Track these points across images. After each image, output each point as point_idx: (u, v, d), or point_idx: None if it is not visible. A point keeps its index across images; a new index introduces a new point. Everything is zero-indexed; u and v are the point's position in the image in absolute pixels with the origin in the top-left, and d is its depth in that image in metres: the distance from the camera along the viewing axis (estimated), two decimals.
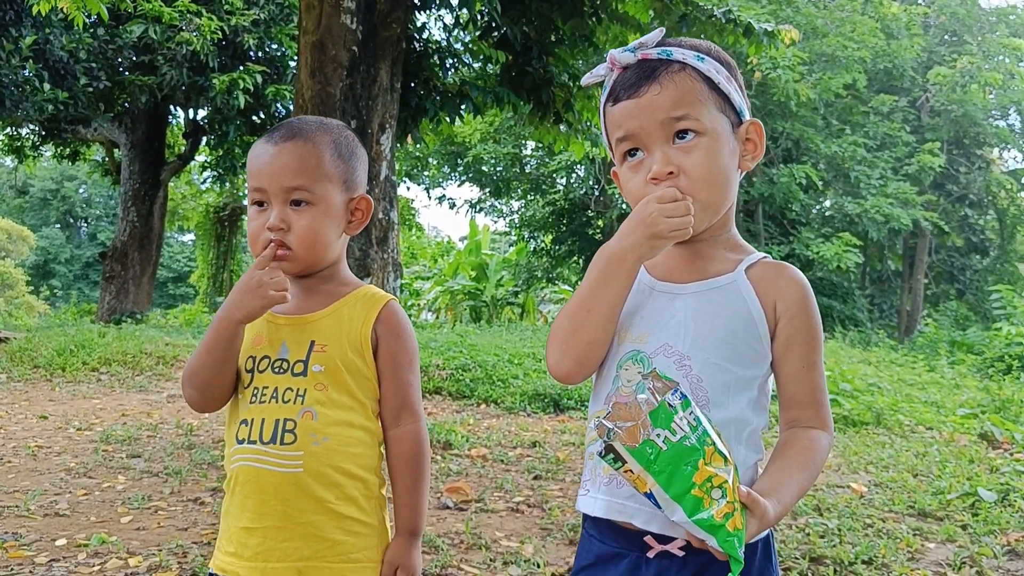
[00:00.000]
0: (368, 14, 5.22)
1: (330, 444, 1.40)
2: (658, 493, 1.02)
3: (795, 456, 1.20)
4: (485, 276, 21.54)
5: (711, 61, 1.24)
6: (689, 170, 1.20)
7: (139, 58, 12.72)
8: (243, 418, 1.43)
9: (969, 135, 22.07)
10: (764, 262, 1.27)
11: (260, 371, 1.44)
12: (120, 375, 8.05)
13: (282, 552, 1.39)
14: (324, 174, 1.45)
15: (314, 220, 1.44)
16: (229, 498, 1.45)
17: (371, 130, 5.21)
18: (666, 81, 1.21)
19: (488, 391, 7.69)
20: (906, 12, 20.74)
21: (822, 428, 1.24)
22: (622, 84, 1.24)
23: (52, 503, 3.78)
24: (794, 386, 1.24)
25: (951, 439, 6.36)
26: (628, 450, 1.01)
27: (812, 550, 3.40)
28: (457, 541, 3.42)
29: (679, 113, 1.20)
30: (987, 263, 23.58)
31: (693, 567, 1.16)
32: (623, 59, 1.24)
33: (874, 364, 11.50)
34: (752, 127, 1.27)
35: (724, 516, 1.01)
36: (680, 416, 1.03)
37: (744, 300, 1.23)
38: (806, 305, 1.24)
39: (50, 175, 40.64)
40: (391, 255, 5.30)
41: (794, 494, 1.16)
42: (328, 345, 1.43)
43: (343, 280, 1.52)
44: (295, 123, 1.49)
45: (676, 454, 1.01)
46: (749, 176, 19.62)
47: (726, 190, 1.24)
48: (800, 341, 1.23)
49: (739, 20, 6.63)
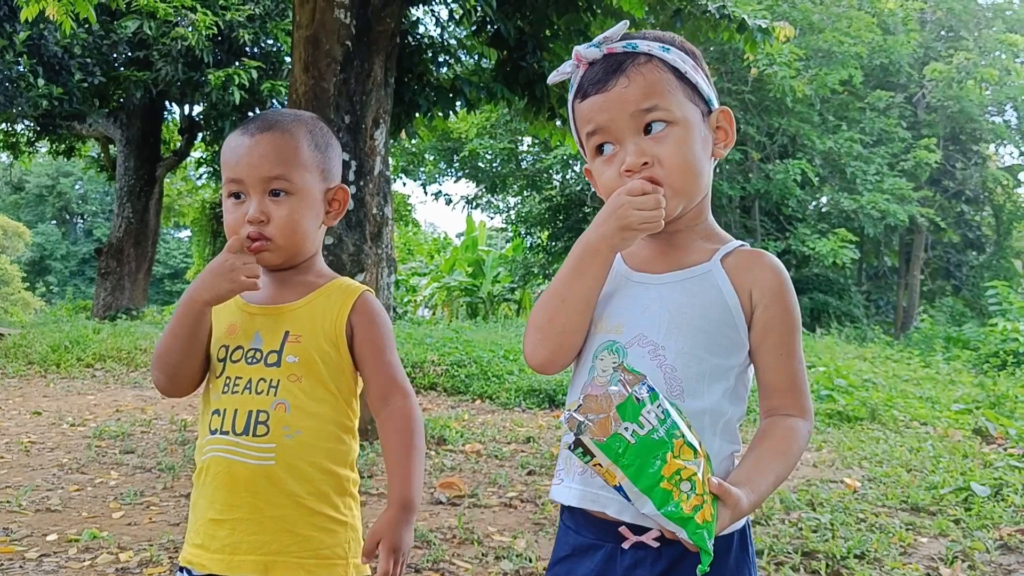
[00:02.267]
0: (362, 9, 5.20)
1: (303, 438, 1.39)
2: (627, 486, 1.01)
3: (772, 445, 1.20)
4: (481, 272, 21.53)
5: (676, 51, 1.24)
6: (663, 159, 1.19)
7: (134, 53, 12.68)
8: (215, 408, 1.41)
9: (965, 131, 22.07)
10: (740, 251, 1.26)
11: (233, 361, 1.42)
12: (115, 371, 8.04)
13: (250, 545, 1.37)
14: (302, 164, 1.45)
15: (293, 210, 1.43)
16: (198, 490, 1.43)
17: (365, 125, 5.19)
18: (633, 73, 1.20)
19: (483, 387, 7.70)
20: (902, 8, 20.72)
21: (801, 416, 1.24)
22: (589, 80, 1.23)
23: (44, 499, 3.77)
24: (772, 374, 1.24)
25: (945, 434, 6.37)
26: (597, 444, 1.01)
27: (805, 544, 3.40)
28: (450, 536, 3.42)
29: (648, 104, 1.19)
30: (983, 259, 23.59)
31: (668, 558, 1.16)
32: (588, 55, 1.23)
33: (869, 360, 11.51)
34: (722, 115, 1.27)
35: (693, 508, 1.01)
36: (648, 409, 1.02)
37: (719, 289, 1.22)
38: (782, 293, 1.23)
39: (45, 171, 40.54)
40: (385, 251, 5.28)
41: (770, 483, 1.16)
42: (303, 336, 1.42)
43: (319, 272, 1.51)
44: (270, 115, 1.49)
45: (644, 448, 1.01)
46: (746, 172, 19.62)
47: (700, 178, 1.23)
48: (777, 329, 1.22)
49: (733, 16, 6.62)
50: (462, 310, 21.71)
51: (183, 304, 1.39)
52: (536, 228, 22.85)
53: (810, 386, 5.27)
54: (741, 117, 19.04)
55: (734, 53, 17.29)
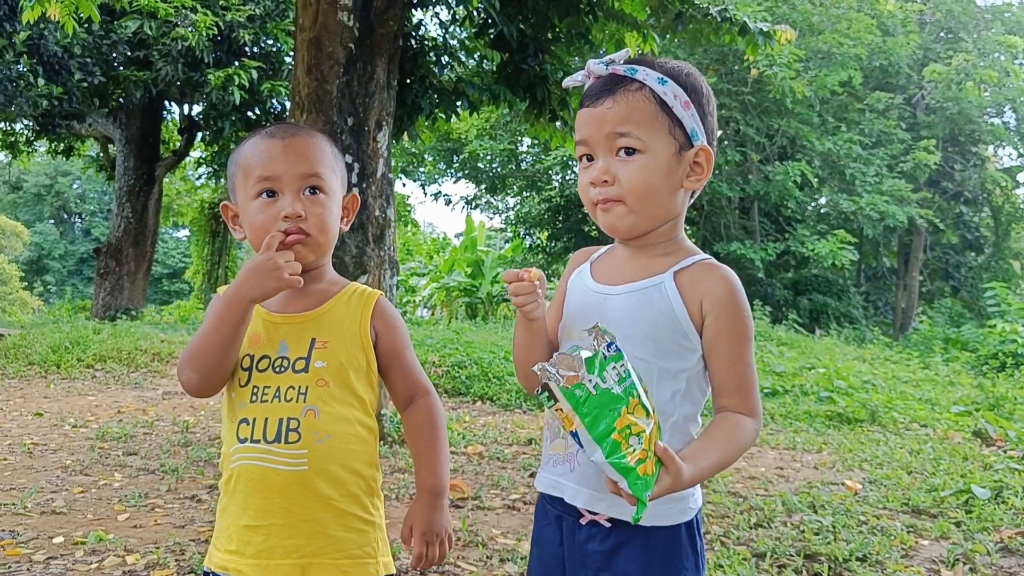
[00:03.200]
0: (365, 11, 5.20)
1: (333, 442, 1.42)
2: (582, 433, 1.10)
3: (717, 434, 1.30)
4: (481, 273, 21.52)
5: (673, 86, 1.33)
6: (623, 181, 1.33)
7: (134, 53, 12.67)
8: (243, 417, 1.43)
9: (964, 132, 22.11)
10: (698, 264, 1.36)
11: (260, 370, 1.44)
12: (115, 372, 8.04)
13: (285, 549, 1.40)
14: (331, 166, 1.51)
15: (327, 208, 1.48)
16: (228, 497, 1.45)
17: (368, 127, 5.20)
18: (620, 98, 1.32)
19: (484, 388, 7.71)
20: (902, 9, 20.75)
21: (749, 415, 1.33)
22: (588, 92, 1.36)
23: (49, 501, 3.78)
24: (722, 377, 1.33)
25: (945, 436, 6.39)
26: (561, 390, 1.10)
27: (807, 547, 3.42)
28: (454, 538, 3.43)
29: (623, 129, 1.32)
30: (982, 260, 23.65)
31: (617, 537, 1.32)
32: (596, 70, 1.35)
33: (869, 361, 11.54)
34: (701, 152, 1.35)
35: (637, 461, 1.10)
36: (613, 366, 1.11)
37: (669, 300, 1.33)
38: (731, 303, 1.32)
39: (44, 170, 40.51)
40: (387, 252, 5.29)
41: (712, 463, 1.25)
42: (329, 341, 1.45)
43: (331, 279, 1.55)
44: (289, 125, 1.55)
45: (603, 400, 1.10)
46: (745, 174, 19.64)
47: (656, 204, 1.35)
48: (726, 337, 1.32)
49: (735, 19, 6.63)
50: (461, 310, 21.70)
51: (226, 303, 1.39)
52: (535, 229, 22.87)
53: (809, 387, 5.32)
54: (740, 118, 19.07)
55: (734, 55, 17.32)
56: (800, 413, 7.25)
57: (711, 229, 20.44)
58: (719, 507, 4.07)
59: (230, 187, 1.55)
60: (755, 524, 3.80)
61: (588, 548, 1.34)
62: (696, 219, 21.40)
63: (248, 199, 1.48)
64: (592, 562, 1.33)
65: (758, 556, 3.34)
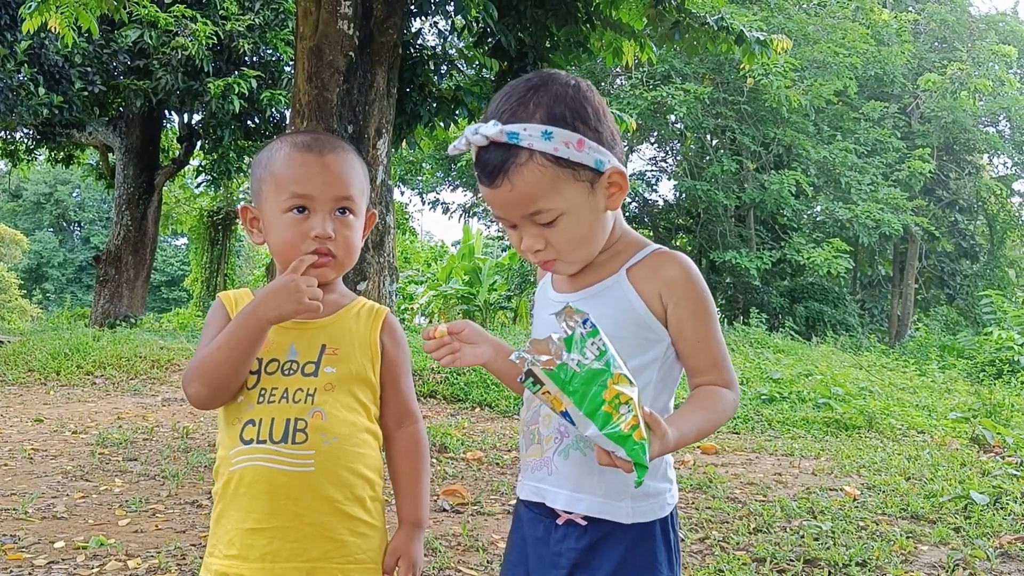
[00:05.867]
0: (365, 20, 5.25)
1: (339, 444, 1.42)
2: (573, 411, 1.12)
3: (697, 402, 1.32)
4: (478, 280, 21.56)
5: (560, 133, 1.27)
6: (556, 244, 1.33)
7: (134, 62, 12.71)
8: (249, 418, 1.41)
9: (959, 141, 22.20)
10: (649, 256, 1.38)
11: (268, 373, 1.44)
12: (115, 379, 8.05)
13: (290, 552, 1.39)
14: (361, 187, 1.52)
15: (355, 230, 1.50)
16: (227, 502, 1.42)
17: (368, 135, 5.23)
18: (515, 178, 1.27)
19: (482, 394, 7.72)
20: (896, 19, 20.87)
21: (727, 387, 1.35)
22: (480, 167, 1.31)
23: (49, 506, 3.79)
24: (693, 359, 1.36)
25: (943, 443, 6.41)
26: (547, 373, 1.12)
27: (806, 552, 3.43)
28: (454, 543, 3.44)
29: (532, 209, 1.30)
30: (977, 268, 23.72)
31: (592, 535, 1.34)
32: (476, 141, 1.29)
33: (865, 368, 11.56)
34: (613, 174, 1.32)
35: (631, 428, 1.11)
36: (590, 343, 1.13)
37: (627, 297, 1.35)
38: (688, 287, 1.34)
39: (43, 179, 40.50)
40: (387, 259, 5.32)
41: (694, 428, 1.27)
42: (340, 349, 1.46)
43: (342, 292, 1.56)
44: (323, 137, 1.53)
45: (588, 375, 1.12)
46: (741, 182, 19.71)
47: (593, 242, 1.36)
48: (690, 320, 1.34)
49: (731, 28, 6.68)
50: (458, 318, 21.70)
51: (243, 321, 1.39)
52: None
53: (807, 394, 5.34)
54: (736, 127, 19.15)
55: (730, 63, 17.39)
56: (798, 419, 7.27)
57: (707, 237, 20.50)
58: (718, 512, 4.09)
59: (255, 190, 1.53)
60: (754, 529, 3.82)
61: (563, 547, 1.35)
62: (692, 227, 21.46)
63: (277, 211, 1.47)
64: (567, 560, 1.35)
65: (758, 561, 3.35)
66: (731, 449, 5.94)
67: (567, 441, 1.34)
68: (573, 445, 1.33)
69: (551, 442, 1.36)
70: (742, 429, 6.92)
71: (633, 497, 1.33)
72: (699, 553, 3.46)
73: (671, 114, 19.08)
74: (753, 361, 10.71)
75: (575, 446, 1.33)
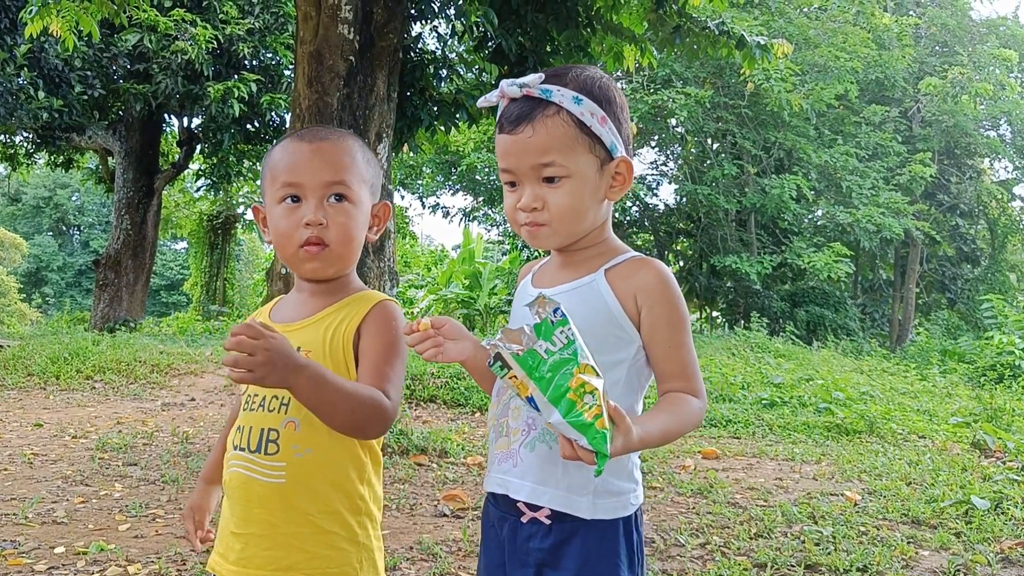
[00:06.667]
0: (365, 24, 5.25)
1: (314, 456, 1.39)
2: (537, 396, 1.13)
3: (664, 406, 1.34)
4: (478, 284, 21.54)
5: (589, 103, 1.34)
6: (551, 207, 1.36)
7: (134, 66, 12.72)
8: (239, 424, 1.45)
9: (960, 145, 22.21)
10: (628, 261, 1.40)
11: None
12: (114, 383, 8.03)
13: (262, 560, 1.39)
14: (359, 173, 1.47)
15: (351, 217, 1.44)
16: (224, 501, 1.47)
17: (368, 140, 5.23)
18: (539, 126, 1.33)
19: (483, 399, 7.70)
20: (897, 23, 20.88)
21: (693, 395, 1.37)
22: (506, 116, 1.36)
23: (50, 511, 3.78)
24: (663, 364, 1.37)
25: (944, 447, 6.40)
26: (514, 358, 1.13)
27: (807, 557, 3.42)
28: (455, 548, 3.44)
29: (547, 160, 1.33)
30: (978, 272, 23.70)
31: (557, 535, 1.35)
32: (510, 92, 1.35)
33: (866, 373, 11.55)
34: (622, 163, 1.39)
35: (594, 417, 1.12)
36: (559, 331, 1.15)
37: (602, 297, 1.37)
38: (663, 294, 1.37)
39: (43, 183, 40.52)
40: (387, 264, 5.32)
41: (658, 429, 1.27)
42: (312, 350, 1.41)
43: (356, 287, 1.51)
44: (322, 128, 1.51)
45: (555, 363, 1.13)
46: (742, 186, 19.70)
47: (584, 220, 1.39)
48: (663, 326, 1.36)
49: (732, 32, 6.68)
50: (458, 322, 21.70)
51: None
52: None
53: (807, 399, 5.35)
54: (737, 131, 19.15)
55: (731, 68, 17.39)
56: (798, 424, 7.26)
57: (708, 241, 20.49)
58: (719, 517, 4.08)
59: (262, 189, 1.53)
60: (755, 535, 3.81)
61: (530, 546, 1.37)
62: (693, 231, 21.46)
63: (273, 203, 1.46)
64: (533, 559, 1.37)
65: (759, 567, 3.34)
66: (732, 454, 5.92)
67: (534, 434, 1.35)
68: (539, 438, 1.35)
69: (518, 435, 1.37)
70: (743, 434, 6.90)
71: (595, 493, 1.34)
72: (700, 559, 3.45)
73: (672, 118, 19.09)
74: (754, 366, 10.70)
75: (541, 439, 1.34)
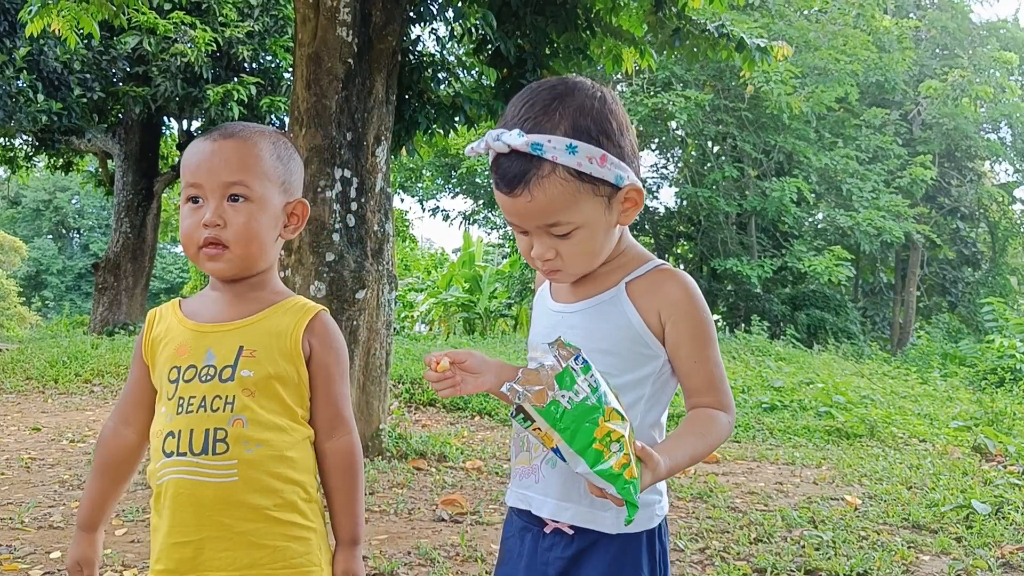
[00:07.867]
0: (363, 27, 5.23)
1: (263, 451, 1.38)
2: (563, 448, 1.12)
3: (691, 428, 1.31)
4: (478, 288, 21.53)
5: (584, 148, 1.25)
6: (565, 256, 1.33)
7: (133, 69, 12.71)
8: (169, 430, 1.39)
9: (961, 148, 22.20)
10: (649, 273, 1.37)
11: (186, 380, 1.40)
12: (113, 387, 8.02)
13: (220, 562, 1.37)
14: (263, 172, 1.44)
15: (251, 217, 1.41)
16: (157, 515, 1.41)
17: (367, 142, 5.22)
18: (536, 190, 1.25)
19: (482, 403, 7.69)
20: (898, 26, 20.87)
21: (722, 409, 1.35)
22: (499, 174, 1.28)
23: (46, 515, 3.76)
24: (691, 379, 1.35)
25: (944, 451, 6.38)
26: (536, 410, 1.12)
27: (807, 562, 3.41)
28: (453, 553, 3.42)
29: (551, 221, 1.29)
30: (979, 276, 23.68)
31: (579, 544, 1.35)
32: (496, 147, 1.26)
33: (867, 376, 11.53)
34: (630, 190, 1.32)
35: (621, 466, 1.12)
36: (582, 379, 1.13)
37: (624, 313, 1.34)
38: (688, 309, 1.34)
39: (42, 186, 40.53)
40: (386, 267, 5.30)
41: (686, 455, 1.27)
42: (258, 351, 1.41)
43: (274, 289, 1.50)
44: (233, 124, 1.49)
45: (579, 412, 1.12)
46: (742, 190, 19.70)
47: (601, 255, 1.36)
48: (687, 341, 1.33)
49: (732, 35, 6.67)
50: (459, 326, 21.69)
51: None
52: None
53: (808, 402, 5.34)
54: (737, 134, 19.14)
55: (731, 70, 17.39)
56: (799, 428, 7.24)
57: (708, 245, 20.48)
58: (719, 522, 4.06)
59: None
60: (755, 539, 3.79)
61: (551, 556, 1.36)
62: (693, 235, 21.44)
63: (182, 203, 1.45)
64: (554, 569, 1.36)
65: (759, 571, 3.32)
66: (732, 458, 5.91)
67: None
68: None
69: (539, 450, 1.36)
70: (743, 438, 6.89)
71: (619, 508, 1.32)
72: (699, 563, 3.43)
73: (672, 121, 19.08)
74: (754, 369, 10.68)
75: None
